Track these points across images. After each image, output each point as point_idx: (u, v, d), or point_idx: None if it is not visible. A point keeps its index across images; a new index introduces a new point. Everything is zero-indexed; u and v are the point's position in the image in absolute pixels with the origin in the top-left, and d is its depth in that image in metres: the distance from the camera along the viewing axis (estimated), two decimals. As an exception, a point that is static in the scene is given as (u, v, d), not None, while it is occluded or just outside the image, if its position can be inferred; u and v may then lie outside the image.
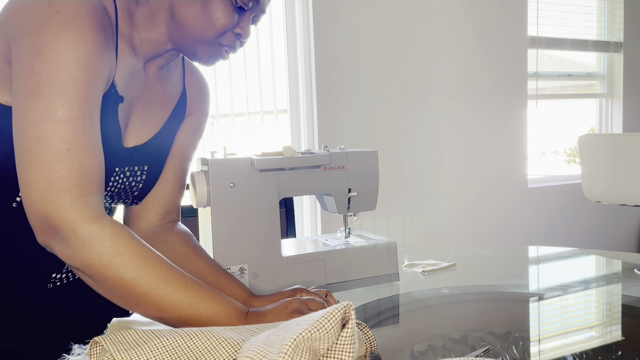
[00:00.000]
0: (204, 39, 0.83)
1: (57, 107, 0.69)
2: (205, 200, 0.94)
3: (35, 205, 0.69)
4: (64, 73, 0.70)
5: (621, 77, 3.55)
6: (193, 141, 1.04)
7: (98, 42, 0.73)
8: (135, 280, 0.70)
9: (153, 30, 0.85)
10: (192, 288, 0.73)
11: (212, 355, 0.61)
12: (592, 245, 3.44)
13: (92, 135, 0.73)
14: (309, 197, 2.67)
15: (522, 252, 1.39)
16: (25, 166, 0.69)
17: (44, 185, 0.68)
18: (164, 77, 0.95)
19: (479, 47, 3.01)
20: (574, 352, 0.74)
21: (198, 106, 1.03)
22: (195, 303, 0.72)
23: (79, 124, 0.71)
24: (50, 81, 0.69)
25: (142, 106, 0.91)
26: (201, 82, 1.04)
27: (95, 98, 0.74)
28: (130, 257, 0.70)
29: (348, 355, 0.55)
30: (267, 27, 2.59)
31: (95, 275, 0.70)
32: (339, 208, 1.06)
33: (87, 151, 0.71)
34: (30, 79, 0.69)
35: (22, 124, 0.70)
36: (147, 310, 0.72)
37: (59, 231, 0.69)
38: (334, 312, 0.55)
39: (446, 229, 3.01)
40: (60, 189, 0.68)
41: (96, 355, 0.61)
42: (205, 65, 0.88)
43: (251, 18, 0.85)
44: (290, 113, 2.68)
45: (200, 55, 0.86)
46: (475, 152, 3.06)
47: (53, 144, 0.69)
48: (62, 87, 0.69)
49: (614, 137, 2.39)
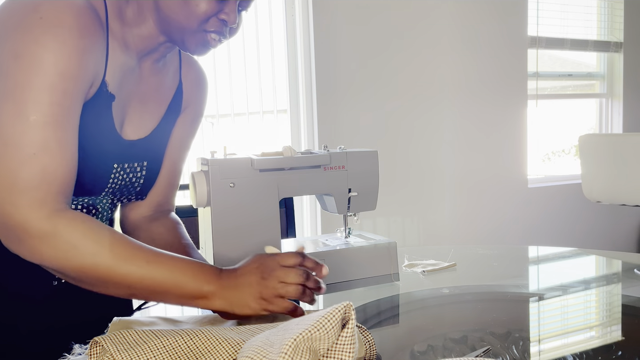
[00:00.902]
0: (188, 28, 0.82)
1: (30, 111, 0.71)
2: (205, 200, 0.94)
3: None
4: (39, 78, 0.71)
5: (621, 77, 3.55)
6: (189, 134, 1.05)
7: (80, 48, 0.74)
8: (94, 266, 0.72)
9: (143, 25, 0.86)
10: (154, 262, 0.74)
11: (212, 355, 0.61)
12: (592, 245, 3.44)
13: (63, 140, 0.74)
14: (309, 197, 2.67)
15: (522, 252, 1.39)
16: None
17: (5, 187, 0.71)
18: (160, 71, 0.95)
19: (479, 47, 3.01)
20: (574, 352, 0.74)
21: (194, 99, 1.03)
22: (159, 275, 0.73)
23: (49, 129, 0.72)
24: (26, 85, 0.71)
25: (138, 101, 0.92)
26: (198, 74, 1.04)
27: (73, 104, 0.75)
28: (85, 246, 0.72)
29: (348, 355, 0.55)
30: (267, 27, 2.59)
31: (56, 270, 0.73)
32: (339, 208, 1.06)
33: (54, 157, 0.73)
34: (6, 81, 0.71)
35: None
36: (116, 291, 0.75)
37: (14, 232, 0.71)
38: (334, 312, 0.55)
39: (446, 229, 3.01)
40: (19, 191, 0.70)
41: (96, 355, 0.61)
42: (196, 55, 0.88)
43: (237, 3, 0.84)
44: (290, 113, 2.68)
45: (189, 45, 0.85)
46: (476, 152, 3.06)
47: (20, 147, 0.71)
48: (37, 92, 0.71)
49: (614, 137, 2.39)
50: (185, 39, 0.84)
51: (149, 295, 0.76)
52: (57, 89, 0.72)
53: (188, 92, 1.01)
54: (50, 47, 0.71)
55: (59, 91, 0.72)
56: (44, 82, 0.71)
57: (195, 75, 1.03)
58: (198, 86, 1.04)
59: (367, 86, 2.73)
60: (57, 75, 0.72)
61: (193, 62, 1.04)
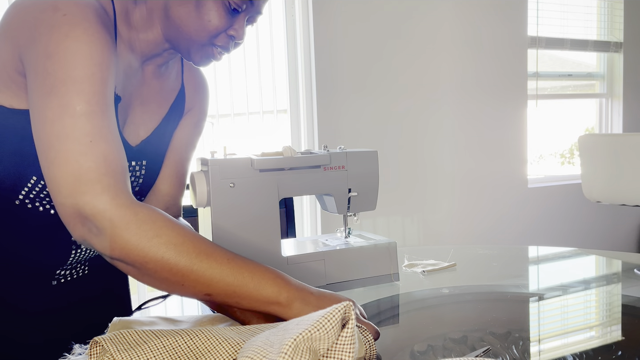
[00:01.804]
0: (197, 40, 0.83)
1: (75, 102, 0.70)
2: (205, 200, 0.94)
3: (66, 200, 0.69)
4: (78, 70, 0.71)
5: (621, 77, 3.55)
6: (192, 137, 1.05)
7: (107, 40, 0.74)
8: (176, 258, 0.68)
9: (150, 30, 0.86)
10: (234, 260, 0.71)
11: (212, 355, 0.61)
12: (592, 245, 3.44)
13: (111, 127, 0.73)
14: (309, 197, 2.67)
15: (522, 252, 1.39)
16: (50, 164, 0.70)
17: (72, 180, 0.68)
18: (162, 74, 0.96)
19: (479, 47, 3.01)
20: (574, 352, 0.74)
21: (197, 103, 1.04)
22: (240, 274, 0.70)
23: (97, 118, 0.71)
24: (66, 79, 0.70)
25: (140, 104, 0.92)
26: (200, 78, 1.05)
27: (110, 93, 0.75)
28: (168, 236, 0.69)
29: (348, 355, 0.55)
30: (267, 27, 2.59)
31: (137, 261, 0.69)
32: (339, 208, 1.06)
33: (109, 143, 0.72)
34: (45, 80, 0.70)
35: (41, 123, 0.70)
36: (192, 289, 0.71)
37: (93, 222, 0.68)
38: (334, 312, 0.55)
39: (446, 229, 3.01)
40: (89, 180, 0.68)
41: (96, 355, 0.61)
42: (198, 65, 0.89)
43: (246, 19, 0.85)
44: (290, 113, 2.68)
45: (194, 56, 0.86)
46: (475, 151, 3.06)
47: (75, 138, 0.69)
48: (78, 83, 0.70)
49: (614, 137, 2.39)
50: (192, 51, 0.85)
51: (225, 295, 0.71)
52: (97, 77, 0.72)
53: (190, 95, 1.02)
54: (84, 40, 0.71)
55: (98, 80, 0.72)
56: (84, 73, 0.71)
57: (196, 80, 1.04)
58: (200, 90, 1.04)
59: (367, 86, 2.73)
60: (94, 65, 0.72)
61: (195, 67, 1.04)
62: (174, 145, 1.01)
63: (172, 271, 0.69)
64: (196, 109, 1.04)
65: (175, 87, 0.99)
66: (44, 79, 0.70)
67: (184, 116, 1.02)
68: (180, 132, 1.02)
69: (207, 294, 0.71)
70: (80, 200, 0.68)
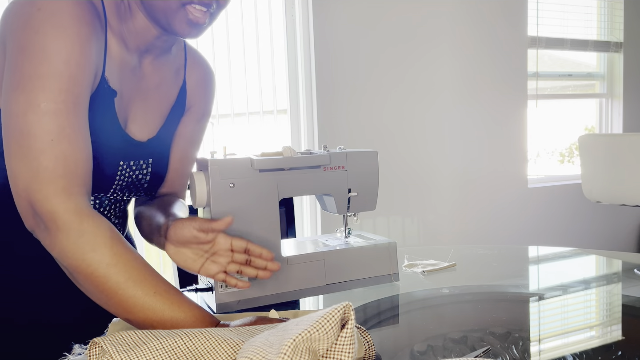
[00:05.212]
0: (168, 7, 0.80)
1: (40, 99, 0.71)
2: (205, 200, 0.94)
3: (21, 193, 0.71)
4: (45, 66, 0.71)
5: (621, 77, 3.55)
6: (194, 135, 1.04)
7: (80, 35, 0.74)
8: (104, 277, 0.71)
9: (134, 19, 0.86)
10: (160, 294, 0.73)
11: (212, 355, 0.61)
12: (592, 245, 3.44)
13: (77, 127, 0.74)
14: (309, 197, 2.67)
15: (522, 252, 1.39)
16: (12, 157, 0.72)
17: (29, 176, 0.70)
18: (162, 69, 0.95)
19: (479, 47, 3.01)
20: (574, 352, 0.74)
21: (199, 98, 1.02)
22: (160, 310, 0.72)
23: (62, 116, 0.72)
24: (33, 75, 0.71)
25: (141, 100, 0.92)
26: (203, 73, 1.03)
27: (81, 90, 0.75)
28: (104, 254, 0.71)
29: (347, 355, 0.55)
30: (267, 27, 2.59)
31: (69, 267, 0.72)
32: (338, 208, 1.06)
33: (72, 143, 0.72)
34: (14, 74, 0.71)
35: (7, 117, 0.72)
36: (114, 309, 0.73)
37: (42, 219, 0.71)
38: (333, 312, 0.55)
39: (446, 229, 3.01)
40: (44, 179, 0.70)
41: (96, 356, 0.61)
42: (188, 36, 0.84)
43: None
44: (290, 113, 2.68)
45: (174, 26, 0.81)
46: (475, 151, 3.06)
47: (37, 135, 0.70)
48: (44, 80, 0.71)
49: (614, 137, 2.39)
50: (170, 21, 0.81)
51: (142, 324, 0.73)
52: (64, 75, 0.72)
53: (192, 91, 1.01)
54: (51, 35, 0.71)
55: (65, 78, 0.72)
56: (50, 70, 0.71)
57: (200, 74, 1.02)
58: (203, 85, 1.03)
59: (367, 86, 2.73)
60: (62, 62, 0.72)
61: (199, 61, 1.03)
62: (176, 142, 1.01)
63: (98, 288, 0.71)
64: (198, 105, 1.02)
65: (178, 82, 0.99)
66: (14, 73, 0.72)
67: (185, 113, 1.01)
68: (183, 128, 1.01)
69: (126, 318, 0.73)
70: (33, 197, 0.70)
